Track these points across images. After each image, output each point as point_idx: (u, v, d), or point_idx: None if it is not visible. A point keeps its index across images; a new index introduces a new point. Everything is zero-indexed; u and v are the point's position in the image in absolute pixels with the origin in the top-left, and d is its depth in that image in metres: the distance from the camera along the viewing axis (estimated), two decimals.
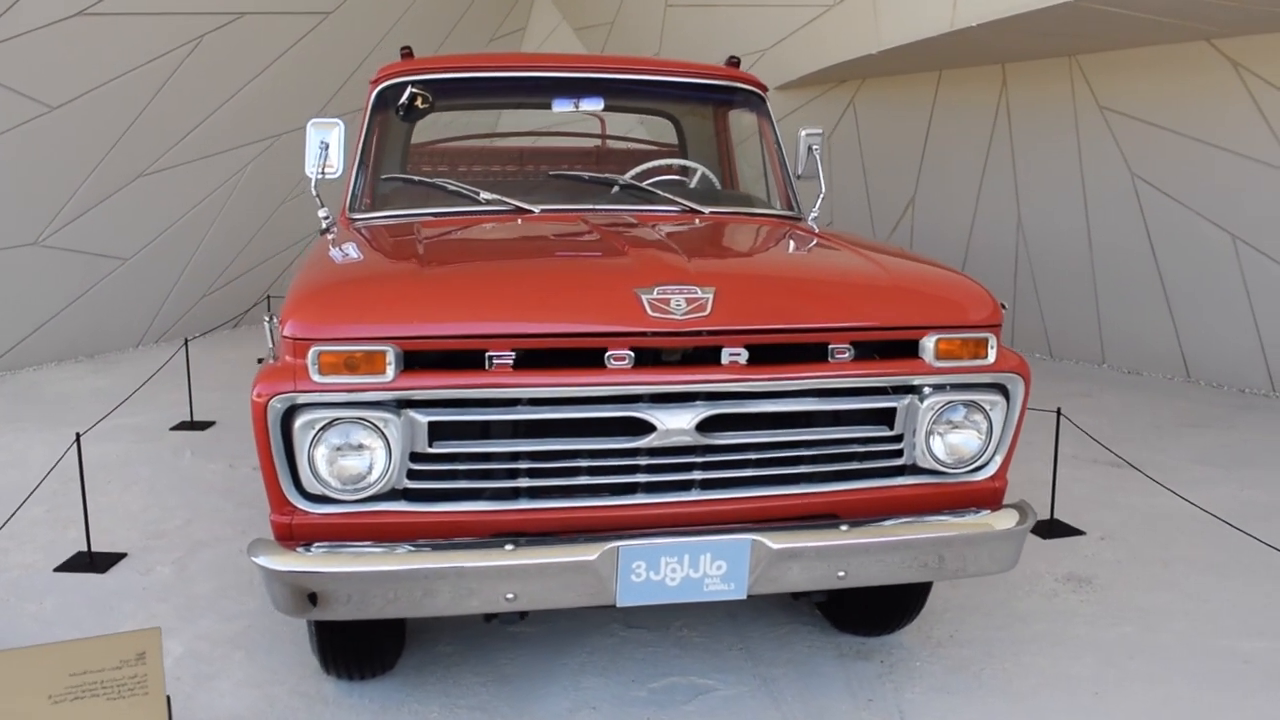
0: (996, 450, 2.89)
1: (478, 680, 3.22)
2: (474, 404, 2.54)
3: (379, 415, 2.50)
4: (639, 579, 2.62)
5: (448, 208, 3.67)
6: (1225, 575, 4.04)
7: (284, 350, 2.54)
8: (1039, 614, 3.71)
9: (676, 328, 2.58)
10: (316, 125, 3.64)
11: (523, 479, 2.63)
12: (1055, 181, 7.85)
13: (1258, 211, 6.60)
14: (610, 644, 3.45)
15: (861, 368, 2.73)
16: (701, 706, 3.08)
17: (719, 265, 2.95)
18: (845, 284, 2.88)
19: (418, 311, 2.53)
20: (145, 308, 8.80)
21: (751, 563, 2.66)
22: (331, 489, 2.53)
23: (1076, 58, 7.38)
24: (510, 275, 2.78)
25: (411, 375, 2.50)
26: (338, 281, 2.76)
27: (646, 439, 2.61)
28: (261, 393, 2.49)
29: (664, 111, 4.85)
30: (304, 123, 10.40)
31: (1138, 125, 7.12)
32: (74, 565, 4.12)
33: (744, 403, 2.66)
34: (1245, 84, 6.39)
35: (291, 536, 2.59)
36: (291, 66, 8.97)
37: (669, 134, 5.27)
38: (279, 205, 9.71)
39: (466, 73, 3.92)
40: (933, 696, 3.15)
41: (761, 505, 2.76)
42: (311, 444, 2.49)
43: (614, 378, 2.56)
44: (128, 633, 2.02)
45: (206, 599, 3.83)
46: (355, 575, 2.50)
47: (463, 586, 2.54)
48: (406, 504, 2.61)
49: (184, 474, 5.29)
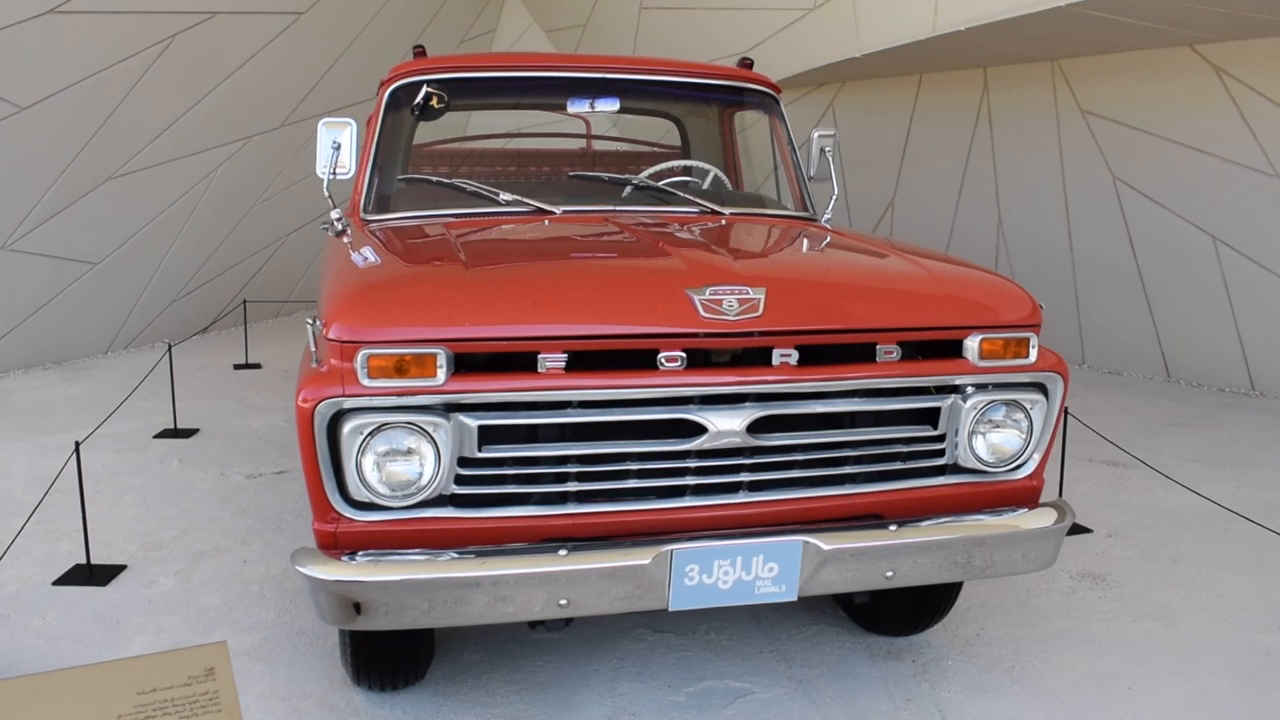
0: (1035, 449, 2.90)
1: (510, 688, 3.16)
2: (525, 407, 2.49)
3: (429, 420, 2.44)
4: (692, 582, 2.58)
5: (466, 209, 3.62)
6: (1235, 570, 4.09)
7: (329, 353, 2.47)
8: (1060, 612, 3.73)
9: (729, 329, 2.55)
10: (329, 125, 3.56)
11: (571, 483, 2.59)
12: (1036, 184, 7.94)
13: (1238, 214, 6.73)
14: (640, 649, 3.41)
15: (908, 368, 2.72)
16: (741, 710, 3.05)
17: (766, 266, 2.92)
18: (891, 285, 2.87)
19: (469, 313, 2.47)
20: (114, 313, 8.58)
21: (803, 565, 2.64)
22: (379, 496, 2.47)
23: (1059, 62, 7.47)
24: (561, 276, 2.73)
25: (463, 378, 2.44)
26: (384, 282, 2.68)
27: (697, 441, 2.58)
28: (308, 397, 2.42)
29: (666, 112, 4.82)
30: (277, 124, 10.26)
31: (1120, 129, 7.22)
32: (73, 578, 3.99)
33: (793, 404, 2.64)
34: (1227, 89, 6.51)
35: (336, 545, 2.52)
36: (263, 67, 8.81)
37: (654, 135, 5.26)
38: (250, 208, 9.54)
39: (480, 72, 3.87)
40: (970, 695, 3.15)
41: (808, 506, 2.74)
42: (360, 450, 2.43)
43: (667, 379, 2.53)
44: (193, 648, 1.94)
45: (216, 611, 3.73)
46: (406, 584, 2.44)
47: (516, 593, 2.49)
48: (453, 510, 2.55)
49: (175, 483, 5.16)
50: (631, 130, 5.47)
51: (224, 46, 8.42)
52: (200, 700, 1.85)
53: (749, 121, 4.72)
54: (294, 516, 4.70)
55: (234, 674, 3.18)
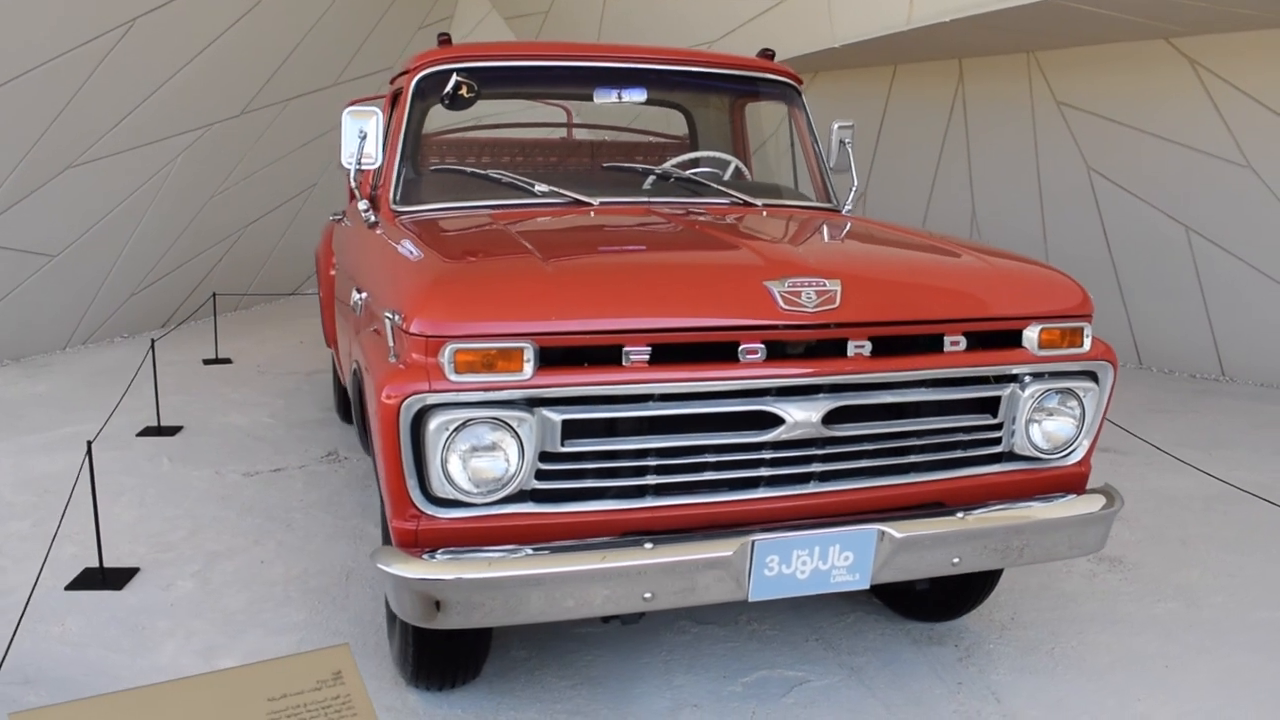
0: (1086, 435, 2.96)
1: (566, 684, 3.14)
2: (609, 401, 2.48)
3: (514, 415, 2.41)
4: (771, 573, 2.59)
5: (501, 200, 3.57)
6: (1244, 551, 4.22)
7: (411, 348, 2.42)
8: (1085, 594, 3.81)
9: (807, 320, 2.56)
10: (354, 113, 3.46)
11: (650, 476, 2.58)
12: (1011, 175, 8.08)
13: (1212, 205, 6.92)
14: (686, 641, 3.41)
15: (974, 358, 2.76)
16: (800, 699, 3.07)
17: (836, 258, 2.93)
18: (955, 276, 2.90)
19: (556, 307, 2.44)
20: (73, 307, 8.31)
21: (876, 553, 2.67)
22: (463, 492, 2.43)
23: (1035, 54, 7.61)
24: (642, 269, 2.72)
25: (548, 373, 2.42)
26: (467, 276, 2.63)
27: (774, 432, 2.58)
28: (391, 394, 2.37)
29: (675, 102, 4.81)
30: (237, 111, 10.02)
31: (1095, 121, 7.39)
32: (86, 583, 3.86)
33: (866, 394, 2.66)
34: (1202, 81, 6.69)
35: (416, 543, 2.48)
36: (223, 54, 8.59)
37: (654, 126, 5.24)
38: (210, 198, 9.30)
39: (508, 61, 3.81)
40: (1018, 677, 3.20)
41: (875, 495, 2.77)
42: (445, 446, 2.39)
43: (748, 371, 2.53)
44: (316, 651, 1.90)
45: (244, 613, 3.64)
46: (493, 581, 2.41)
47: (602, 588, 2.47)
48: (533, 505, 2.52)
49: (170, 482, 5.02)
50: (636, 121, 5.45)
51: (184, 31, 8.19)
52: (334, 705, 1.80)
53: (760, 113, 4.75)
54: (302, 514, 4.61)
55: None
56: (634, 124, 5.44)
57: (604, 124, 5.27)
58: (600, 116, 5.64)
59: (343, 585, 3.87)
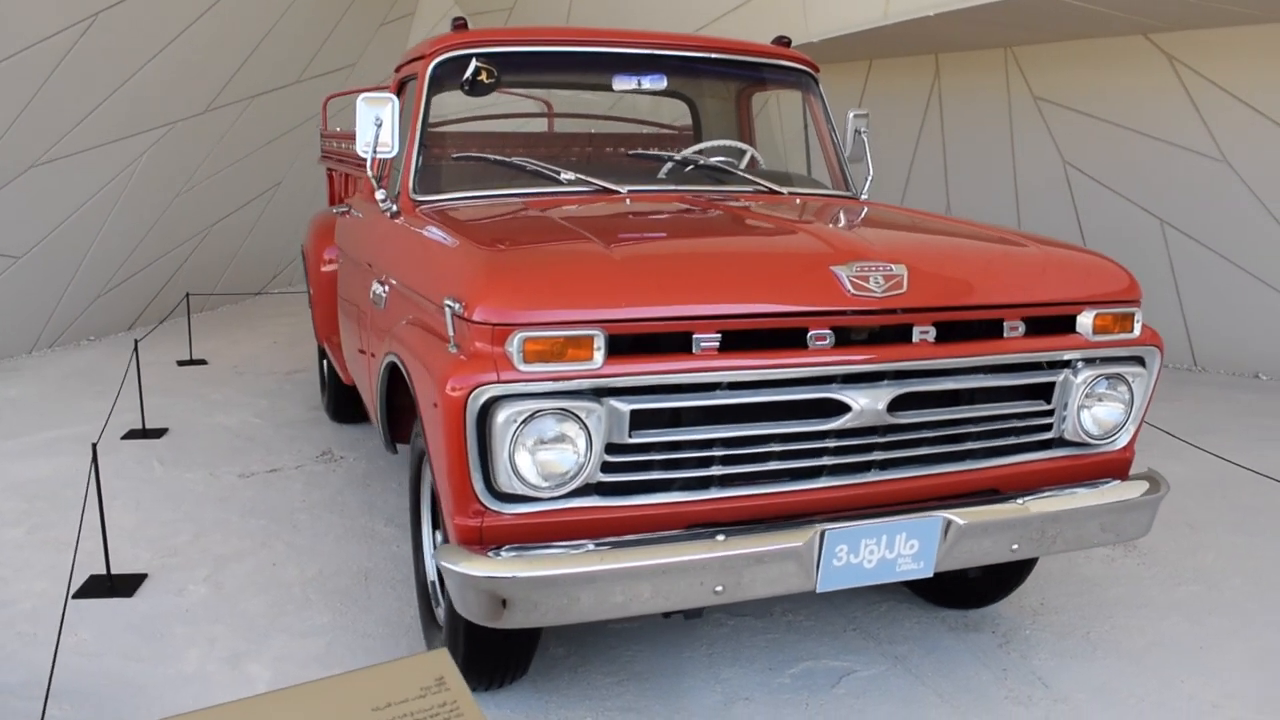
0: (1133, 420, 2.97)
1: (612, 680, 3.09)
2: (678, 390, 2.43)
3: (583, 405, 2.35)
4: (840, 563, 2.56)
5: (524, 188, 3.51)
6: (1251, 533, 4.29)
7: (475, 337, 2.35)
8: (1108, 579, 3.84)
9: (876, 306, 2.54)
10: (369, 100, 3.38)
11: (715, 467, 2.53)
12: (986, 170, 8.16)
13: (1187, 198, 7.05)
14: (725, 633, 3.38)
15: (1033, 343, 2.76)
16: (851, 689, 3.05)
17: (898, 243, 2.91)
18: (1013, 262, 2.89)
19: (625, 293, 2.39)
20: (38, 310, 8.04)
21: (940, 541, 2.65)
22: (530, 487, 2.37)
23: (1012, 49, 7.69)
24: (711, 255, 2.67)
25: (617, 361, 2.36)
26: (532, 262, 2.57)
27: (840, 420, 2.56)
28: (456, 386, 2.30)
29: (679, 91, 4.76)
30: (201, 109, 9.78)
31: (1072, 115, 7.48)
32: (94, 590, 3.72)
33: (929, 381, 2.65)
34: (1179, 77, 6.81)
35: (481, 540, 2.41)
36: (188, 49, 8.38)
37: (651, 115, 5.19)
38: (175, 197, 9.06)
39: (526, 46, 3.74)
40: (1060, 662, 3.21)
41: (934, 483, 2.75)
42: (513, 439, 2.32)
43: (817, 358, 2.50)
44: (414, 656, 1.82)
45: (264, 617, 3.53)
46: (568, 578, 2.35)
47: (674, 582, 2.42)
48: (599, 498, 2.47)
49: (165, 486, 4.86)
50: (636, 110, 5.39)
51: (147, 26, 7.97)
52: (441, 712, 1.73)
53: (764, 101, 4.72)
54: (306, 515, 4.49)
55: None
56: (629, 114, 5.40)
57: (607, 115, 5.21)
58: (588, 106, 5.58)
59: (363, 586, 3.77)
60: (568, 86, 4.38)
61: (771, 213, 3.08)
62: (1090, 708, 2.96)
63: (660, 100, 5.04)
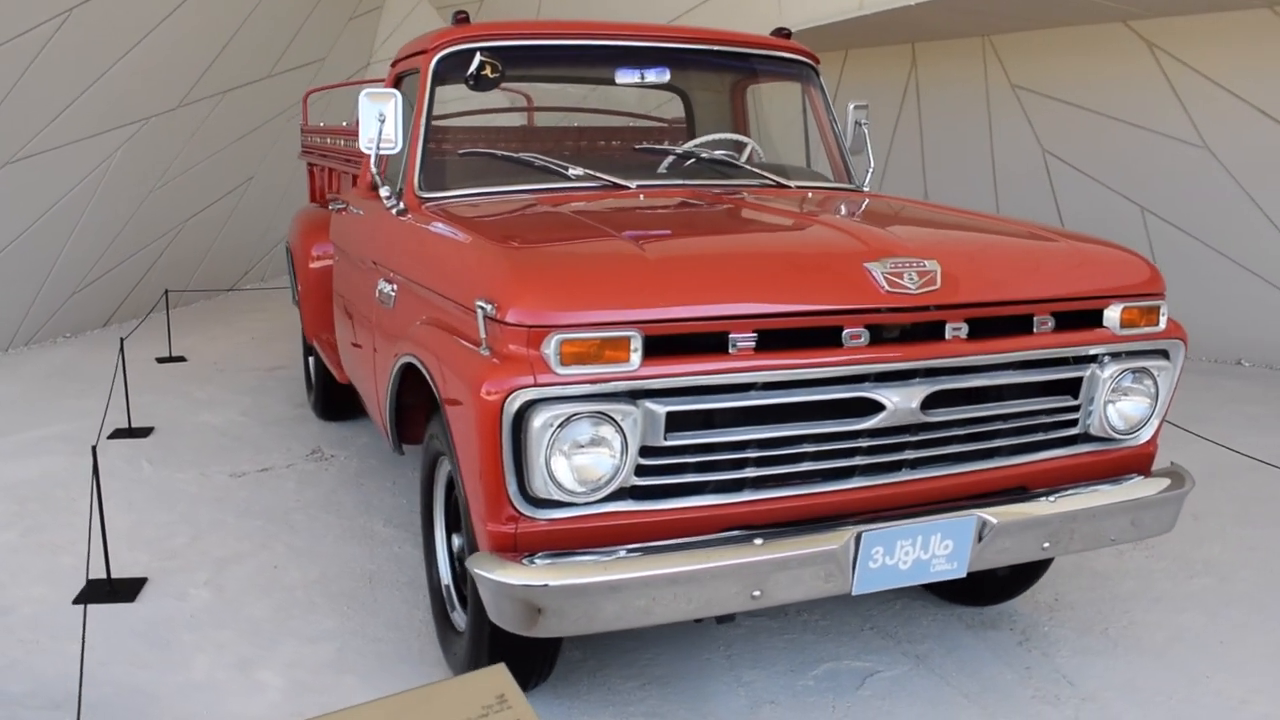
0: (1158, 414, 2.96)
1: (634, 684, 3.04)
2: (714, 390, 2.38)
3: (620, 408, 2.30)
4: (876, 565, 2.53)
5: (531, 184, 3.44)
6: (1255, 525, 4.31)
7: (509, 339, 2.29)
8: (1119, 573, 3.85)
9: (910, 303, 2.50)
10: (372, 96, 3.30)
11: (750, 469, 2.49)
12: (964, 158, 8.16)
13: (1167, 184, 7.08)
14: (742, 634, 3.34)
15: (1062, 338, 2.74)
16: (876, 690, 3.02)
17: (928, 238, 2.87)
18: (1041, 256, 2.86)
19: (662, 292, 2.34)
20: (14, 308, 7.85)
21: (973, 540, 2.63)
22: (566, 492, 2.31)
23: (990, 38, 7.68)
24: (744, 253, 2.62)
25: (654, 362, 2.31)
26: (566, 261, 2.50)
27: (875, 419, 2.52)
28: (492, 389, 2.24)
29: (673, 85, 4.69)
30: (175, 104, 9.59)
31: (1051, 103, 7.49)
32: (94, 595, 3.61)
33: (961, 378, 2.62)
34: (1160, 63, 6.83)
35: (515, 547, 2.35)
36: (161, 44, 8.20)
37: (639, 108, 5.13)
38: (149, 193, 8.89)
39: (530, 40, 3.66)
40: (1083, 659, 3.21)
41: (964, 481, 2.73)
42: (549, 444, 2.26)
43: (852, 356, 2.47)
44: (471, 674, 1.77)
45: (271, 622, 3.45)
46: (607, 585, 2.30)
47: (712, 587, 2.38)
48: (633, 503, 2.42)
49: (156, 486, 4.75)
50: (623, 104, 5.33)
51: (121, 22, 7.80)
52: None
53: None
54: (302, 515, 4.41)
55: (328, 690, 2.96)
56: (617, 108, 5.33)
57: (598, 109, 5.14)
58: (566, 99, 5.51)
59: (368, 589, 3.70)
60: (570, 80, 4.31)
61: (790, 207, 3.04)
62: (1119, 706, 2.95)
63: (646, 93, 4.98)
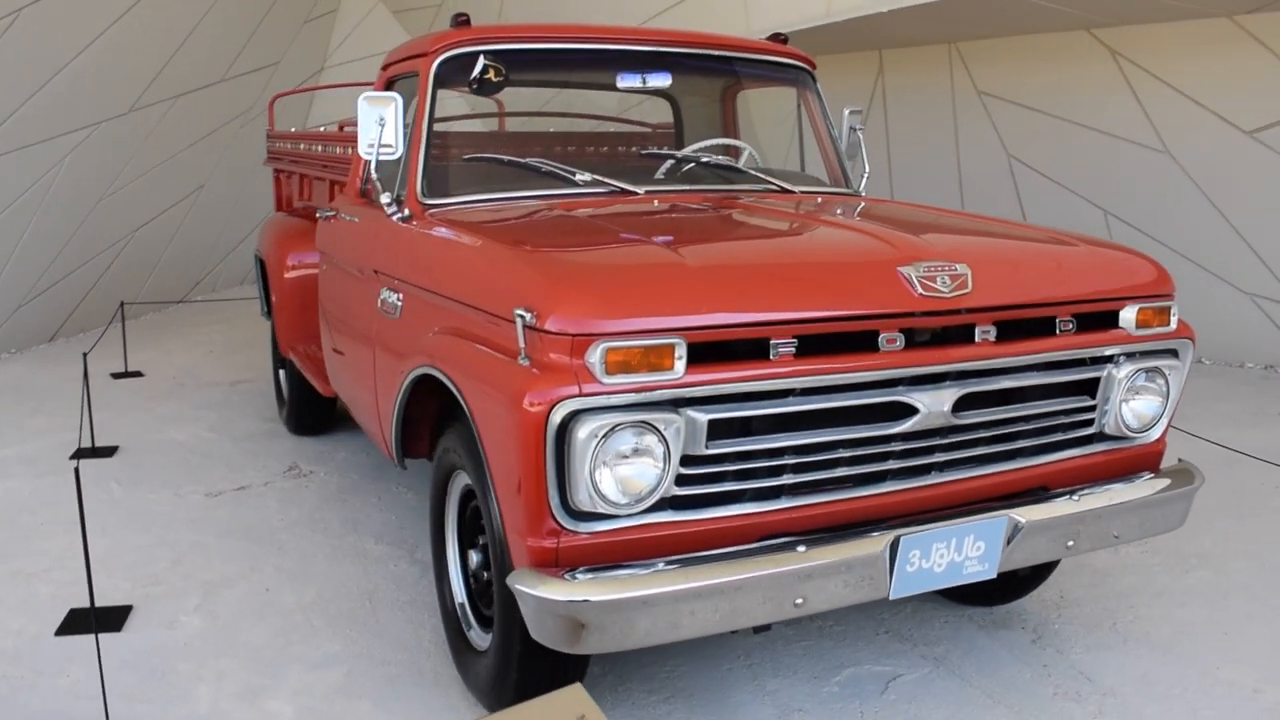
0: (1167, 413, 2.99)
1: (656, 698, 2.99)
2: (753, 397, 2.35)
3: (663, 417, 2.25)
4: (912, 568, 2.52)
5: (538, 190, 3.39)
6: (1241, 516, 4.39)
7: (550, 348, 2.23)
8: (1117, 568, 3.89)
9: (944, 306, 2.50)
10: (371, 100, 3.23)
11: (787, 475, 2.46)
12: (930, 164, 8.26)
13: (1130, 188, 7.23)
14: (758, 642, 3.31)
15: (1083, 339, 2.75)
16: (901, 694, 3.01)
17: (956, 242, 2.87)
18: (1060, 259, 2.87)
19: (704, 299, 2.29)
20: None
21: (1004, 541, 2.63)
22: (610, 504, 2.26)
23: (957, 45, 7.79)
24: (782, 258, 2.59)
25: (697, 370, 2.27)
26: (607, 269, 2.45)
27: (909, 422, 2.51)
28: (536, 401, 2.18)
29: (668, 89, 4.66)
30: (125, 109, 9.32)
31: (1016, 109, 7.62)
32: (77, 625, 3.47)
33: (991, 380, 2.62)
34: (1122, 70, 6.98)
35: (557, 562, 2.29)
36: (112, 47, 7.99)
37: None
38: (99, 200, 8.64)
39: (531, 44, 3.60)
40: (1096, 655, 3.23)
41: (990, 483, 2.73)
42: (594, 455, 2.21)
43: (889, 360, 2.45)
44: (549, 696, 1.73)
45: (271, 648, 3.34)
46: (654, 599, 2.25)
47: (757, 596, 2.34)
48: (673, 513, 2.37)
49: (129, 508, 4.59)
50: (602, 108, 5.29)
51: (71, 23, 7.56)
52: None
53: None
54: (288, 535, 4.28)
55: (342, 717, 2.87)
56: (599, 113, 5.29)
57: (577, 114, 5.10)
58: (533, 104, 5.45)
59: (368, 609, 3.60)
60: (569, 85, 4.25)
61: (809, 212, 3.02)
62: (1139, 700, 2.97)
63: (624, 96, 4.95)
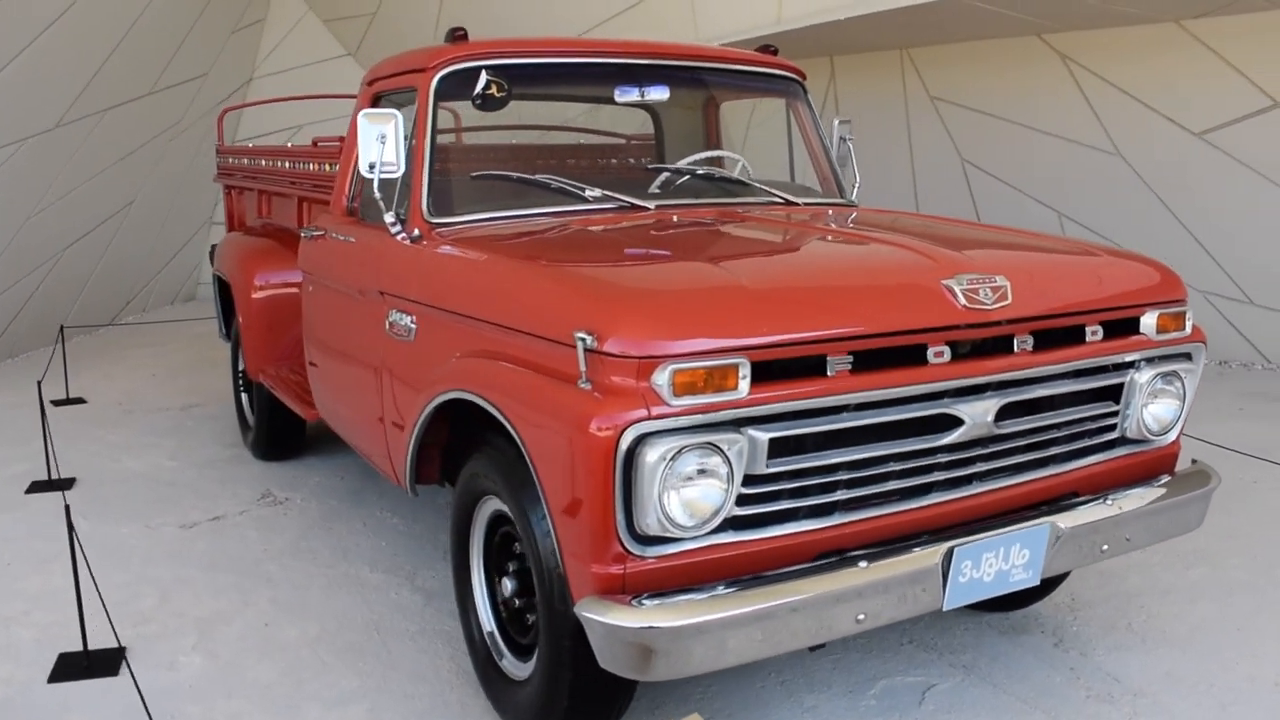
0: (1182, 416, 3.05)
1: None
2: (812, 414, 2.32)
3: (727, 437, 2.21)
4: (964, 579, 2.52)
5: (546, 207, 3.32)
6: (1229, 513, 4.47)
7: (613, 371, 2.18)
8: (1122, 568, 3.93)
9: (987, 318, 2.51)
10: (371, 117, 3.14)
11: (840, 491, 2.44)
12: (884, 168, 8.33)
13: (1082, 190, 7.41)
14: (787, 659, 3.26)
15: (1111, 346, 2.79)
16: (939, 705, 3.00)
17: (992, 254, 2.88)
18: (1085, 268, 2.91)
19: (765, 319, 2.26)
20: None
21: (1047, 548, 2.64)
22: (678, 528, 2.22)
23: (908, 51, 7.89)
24: (834, 276, 2.56)
25: (760, 389, 2.24)
26: (669, 289, 2.39)
27: (955, 434, 2.51)
28: (604, 425, 2.13)
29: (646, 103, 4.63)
30: (51, 124, 8.97)
31: (969, 114, 7.74)
32: (70, 671, 3.29)
33: (1029, 389, 2.64)
34: (1073, 74, 7.14)
35: (624, 588, 2.23)
36: (37, 61, 7.66)
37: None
38: (27, 219, 8.28)
39: (530, 58, 3.53)
40: (1119, 655, 3.26)
41: (1028, 490, 2.74)
42: (662, 478, 2.16)
43: (938, 373, 2.45)
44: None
45: (282, 686, 3.20)
46: (724, 622, 2.21)
47: (822, 615, 2.32)
48: (734, 534, 2.34)
49: (100, 544, 4.38)
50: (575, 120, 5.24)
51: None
52: None
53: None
54: (276, 566, 4.13)
55: None
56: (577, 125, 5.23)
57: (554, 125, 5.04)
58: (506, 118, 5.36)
59: (377, 641, 3.48)
60: (568, 99, 4.19)
61: (834, 225, 3.02)
62: (1169, 698, 3.01)
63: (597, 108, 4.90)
